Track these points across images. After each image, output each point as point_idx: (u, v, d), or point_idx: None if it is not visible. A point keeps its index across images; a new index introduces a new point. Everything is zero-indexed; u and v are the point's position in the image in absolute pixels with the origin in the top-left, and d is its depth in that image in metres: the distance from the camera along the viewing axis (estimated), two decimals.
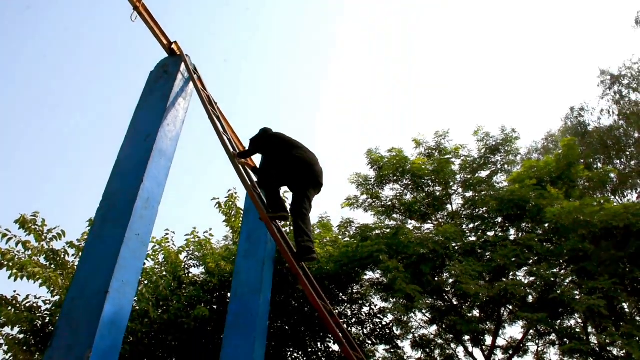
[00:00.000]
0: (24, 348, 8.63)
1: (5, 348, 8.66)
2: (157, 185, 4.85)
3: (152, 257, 10.02)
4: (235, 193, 10.07)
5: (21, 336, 8.71)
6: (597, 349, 9.10)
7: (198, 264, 10.07)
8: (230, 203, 10.03)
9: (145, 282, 9.47)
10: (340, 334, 4.34)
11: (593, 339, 9.81)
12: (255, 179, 5.89)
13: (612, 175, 18.07)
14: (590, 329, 10.19)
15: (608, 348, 9.16)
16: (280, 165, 5.65)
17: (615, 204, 10.99)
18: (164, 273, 9.79)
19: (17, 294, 8.81)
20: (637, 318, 10.57)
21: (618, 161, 19.62)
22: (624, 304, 9.95)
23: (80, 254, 8.67)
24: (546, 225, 10.26)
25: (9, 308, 8.55)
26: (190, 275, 10.03)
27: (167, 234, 10.10)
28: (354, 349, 4.35)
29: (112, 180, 4.86)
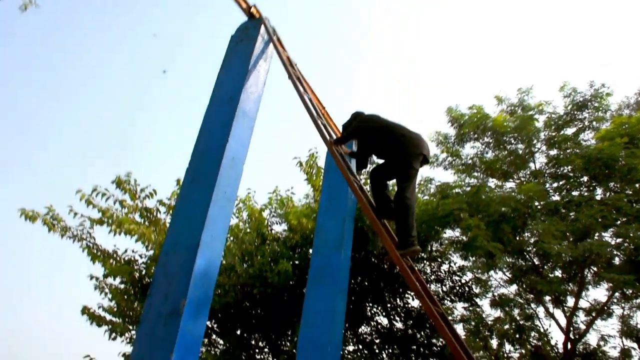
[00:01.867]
0: (125, 297, 9.40)
1: (110, 296, 9.47)
2: (242, 145, 5.06)
3: (236, 215, 10.47)
4: (316, 152, 10.27)
5: (122, 286, 9.49)
6: None
7: (280, 221, 10.42)
8: (311, 162, 10.24)
9: (232, 238, 9.93)
10: (421, 289, 4.42)
11: None
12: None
13: None
14: None
15: None
16: (384, 150, 5.38)
17: None
18: (248, 230, 10.22)
19: (117, 248, 9.57)
20: None
21: None
22: None
23: (171, 211, 9.28)
24: (637, 185, 9.74)
25: (111, 261, 9.30)
26: (273, 232, 10.41)
27: (250, 192, 10.51)
28: (434, 304, 4.43)
29: (199, 141, 5.11)
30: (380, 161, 5.69)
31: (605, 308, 10.77)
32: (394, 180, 5.39)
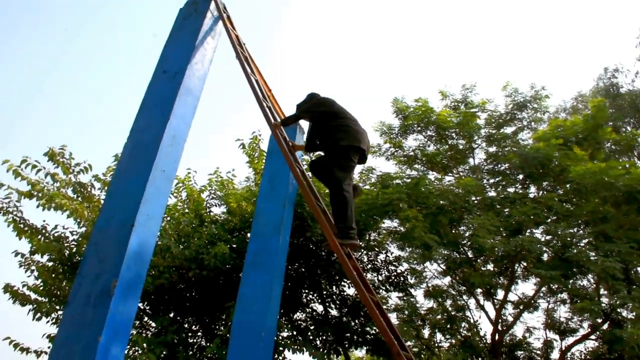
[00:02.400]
0: (53, 275, 9.00)
1: (36, 274, 9.04)
2: (184, 123, 4.91)
3: (175, 194, 10.22)
4: (259, 135, 10.14)
5: (50, 264, 9.06)
6: (607, 310, 9.19)
7: (220, 203, 10.27)
8: (254, 145, 10.12)
9: (168, 218, 9.70)
10: (357, 277, 4.44)
11: (604, 300, 9.89)
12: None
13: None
14: (602, 291, 10.26)
15: (618, 310, 9.24)
16: (326, 136, 5.33)
17: None
18: (187, 211, 10.01)
19: (47, 224, 9.12)
20: None
21: None
22: (638, 269, 9.97)
23: (107, 187, 8.93)
24: (568, 185, 10.19)
25: (39, 237, 8.86)
26: (211, 214, 10.24)
27: (189, 173, 10.27)
28: (370, 292, 4.47)
29: (140, 116, 4.94)
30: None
31: (532, 301, 11.27)
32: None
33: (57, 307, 9.06)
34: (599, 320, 9.76)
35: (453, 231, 9.95)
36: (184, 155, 4.94)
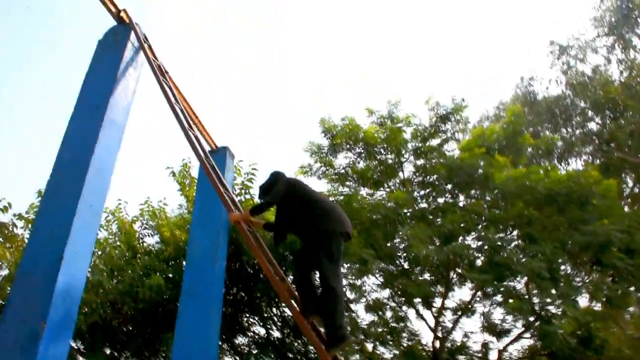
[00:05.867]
0: None
1: None
2: (109, 155, 4.84)
3: (105, 227, 9.92)
4: (189, 162, 10.03)
5: None
6: (537, 308, 9.62)
7: (152, 233, 10.05)
8: (185, 172, 9.99)
9: (99, 252, 9.40)
10: (292, 299, 4.45)
11: (535, 299, 10.33)
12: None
13: (559, 143, 18.80)
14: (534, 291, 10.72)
15: (547, 307, 9.69)
16: (305, 226, 4.71)
17: (561, 171, 11.51)
18: (118, 243, 9.73)
19: None
20: (577, 279, 11.21)
21: (565, 130, 20.32)
22: (564, 267, 10.51)
23: (30, 226, 8.55)
24: (494, 192, 10.63)
25: None
26: (144, 244, 10.01)
27: (120, 204, 10.01)
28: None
29: (63, 150, 4.82)
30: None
31: (470, 306, 11.61)
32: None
33: None
34: (531, 319, 10.18)
35: (388, 244, 10.16)
36: (112, 186, 4.85)
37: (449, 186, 11.25)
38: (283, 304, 10.15)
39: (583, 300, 12.72)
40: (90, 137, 4.70)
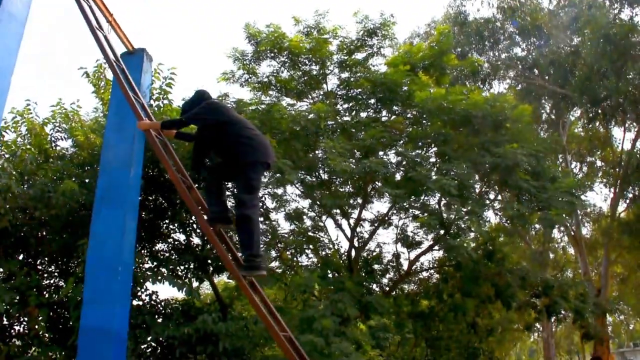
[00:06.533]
0: None
1: None
2: (8, 53, 4.45)
3: (13, 129, 9.36)
4: (104, 63, 9.46)
5: None
6: (447, 223, 10.17)
7: (66, 137, 9.59)
8: (99, 74, 9.45)
9: (7, 155, 8.94)
10: (199, 208, 4.42)
11: (445, 215, 10.91)
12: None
13: (485, 65, 19.19)
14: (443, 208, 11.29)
15: (457, 222, 10.27)
16: (225, 150, 4.70)
17: (485, 94, 11.82)
18: (28, 146, 9.26)
19: None
20: (488, 198, 11.89)
21: (492, 53, 20.66)
22: (476, 186, 11.09)
23: None
24: (415, 110, 10.83)
25: None
26: (57, 149, 9.57)
27: (28, 105, 9.40)
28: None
29: None
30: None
31: (386, 218, 12.12)
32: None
33: None
34: (442, 232, 10.79)
35: (309, 155, 10.25)
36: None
37: (372, 101, 11.34)
38: None
39: (494, 218, 13.63)
40: None
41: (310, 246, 11.75)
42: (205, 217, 4.57)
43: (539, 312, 12.00)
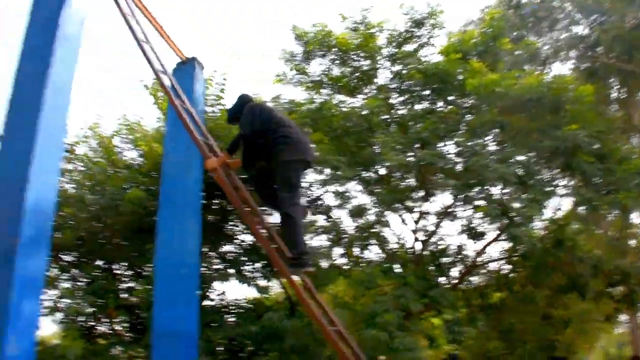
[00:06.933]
0: None
1: None
2: (66, 71, 4.76)
3: (85, 142, 9.94)
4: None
5: None
6: (509, 211, 9.86)
7: (132, 147, 10.08)
8: (159, 85, 9.86)
9: (81, 168, 9.50)
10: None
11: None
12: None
13: (545, 47, 18.40)
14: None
15: (520, 211, 9.94)
16: (265, 148, 4.70)
17: (548, 78, 11.33)
18: (99, 159, 9.81)
19: None
20: (553, 184, 11.43)
21: (550, 35, 19.78)
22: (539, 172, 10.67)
23: None
24: (471, 98, 10.56)
25: None
26: (124, 159, 10.07)
27: (98, 119, 9.99)
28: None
29: (20, 69, 4.74)
30: None
31: (451, 210, 11.88)
32: None
33: None
34: (506, 222, 10.48)
35: (364, 151, 10.20)
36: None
37: (427, 92, 11.16)
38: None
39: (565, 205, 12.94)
40: (44, 53, 4.60)
41: (375, 241, 11.69)
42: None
43: (618, 302, 11.45)
